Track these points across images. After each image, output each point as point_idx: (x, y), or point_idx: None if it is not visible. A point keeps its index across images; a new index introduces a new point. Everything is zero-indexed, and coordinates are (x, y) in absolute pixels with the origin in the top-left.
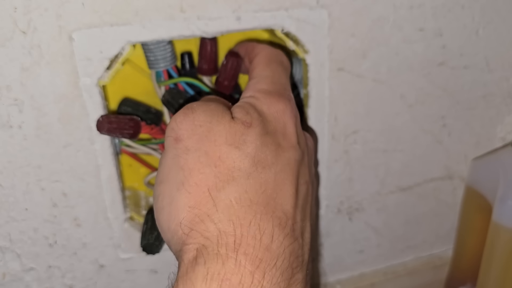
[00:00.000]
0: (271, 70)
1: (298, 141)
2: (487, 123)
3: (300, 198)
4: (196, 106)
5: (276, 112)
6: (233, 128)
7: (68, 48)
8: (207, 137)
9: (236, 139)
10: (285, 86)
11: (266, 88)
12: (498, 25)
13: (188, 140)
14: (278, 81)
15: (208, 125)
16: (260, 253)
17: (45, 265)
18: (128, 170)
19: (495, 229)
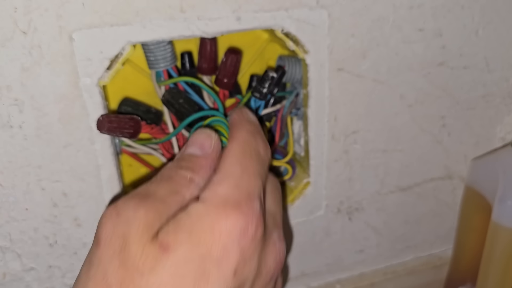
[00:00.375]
0: (242, 167)
1: (238, 269)
2: (486, 123)
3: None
4: (123, 211)
5: (219, 232)
6: (146, 250)
7: (68, 48)
8: (120, 254)
9: (146, 264)
10: (251, 191)
11: (223, 194)
12: (498, 25)
13: (104, 250)
14: (244, 185)
15: (125, 240)
16: None
17: (46, 265)
18: (129, 170)
19: (494, 229)
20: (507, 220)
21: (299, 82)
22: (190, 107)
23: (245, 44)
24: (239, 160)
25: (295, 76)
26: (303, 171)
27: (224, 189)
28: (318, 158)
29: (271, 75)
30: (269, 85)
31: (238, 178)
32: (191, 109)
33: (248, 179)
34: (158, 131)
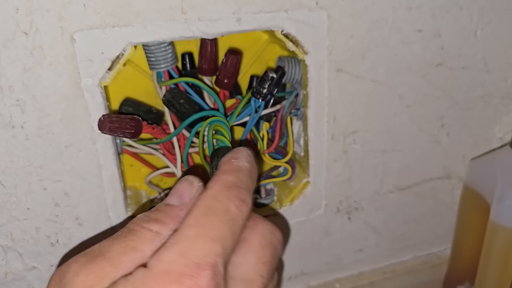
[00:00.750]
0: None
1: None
2: (485, 123)
3: None
4: (64, 274)
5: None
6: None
7: (69, 49)
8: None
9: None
10: (201, 260)
11: (168, 262)
12: (496, 26)
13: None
14: (194, 253)
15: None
16: None
17: (47, 264)
18: (130, 169)
19: (493, 228)
20: (505, 219)
21: (299, 82)
22: (190, 107)
23: (245, 45)
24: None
25: (294, 77)
26: (303, 171)
27: (169, 256)
28: (318, 158)
29: (271, 75)
30: (269, 85)
31: (189, 243)
32: (191, 109)
33: (202, 245)
34: (159, 131)
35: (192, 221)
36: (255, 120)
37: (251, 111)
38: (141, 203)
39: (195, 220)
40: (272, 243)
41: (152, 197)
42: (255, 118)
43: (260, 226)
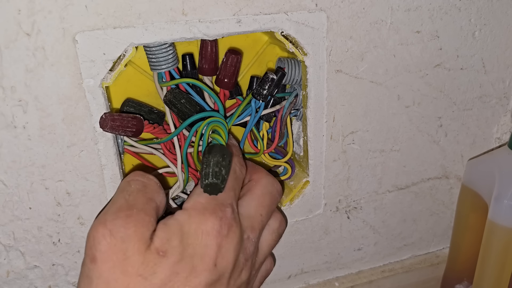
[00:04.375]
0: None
1: (218, 262)
2: (483, 123)
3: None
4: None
5: (201, 233)
6: (147, 259)
7: (71, 50)
8: (120, 266)
9: (147, 269)
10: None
11: (203, 204)
12: (494, 27)
13: (103, 265)
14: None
15: (124, 254)
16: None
17: (49, 263)
18: (131, 169)
19: (490, 228)
20: (503, 219)
21: (299, 83)
22: (192, 107)
23: (245, 46)
24: None
25: (294, 78)
26: (302, 171)
27: (203, 199)
28: (317, 158)
29: (271, 77)
30: (269, 86)
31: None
32: (193, 109)
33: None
34: (160, 131)
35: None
36: (255, 120)
37: (251, 111)
38: None
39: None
40: (271, 192)
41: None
42: (255, 118)
43: (263, 179)
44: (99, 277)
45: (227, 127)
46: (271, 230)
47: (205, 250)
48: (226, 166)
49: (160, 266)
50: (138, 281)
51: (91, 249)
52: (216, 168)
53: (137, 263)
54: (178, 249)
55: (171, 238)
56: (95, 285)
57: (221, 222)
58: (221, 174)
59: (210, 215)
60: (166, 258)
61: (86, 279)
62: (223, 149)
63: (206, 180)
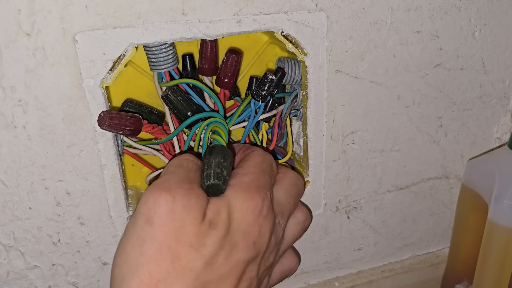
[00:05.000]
0: (260, 168)
1: (256, 241)
2: (483, 123)
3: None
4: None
5: (246, 209)
6: (200, 230)
7: (71, 50)
8: (176, 233)
9: (199, 241)
10: (265, 184)
11: (247, 182)
12: (494, 27)
13: (158, 229)
14: (261, 178)
15: (182, 222)
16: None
17: (49, 263)
18: (131, 169)
19: (490, 228)
20: (503, 219)
21: (299, 83)
22: (187, 106)
23: (245, 46)
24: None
25: (294, 78)
26: (302, 171)
27: (247, 179)
28: (317, 158)
29: (270, 77)
30: (268, 87)
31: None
32: (188, 108)
33: (263, 176)
34: (160, 131)
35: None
36: (254, 121)
37: (251, 112)
38: None
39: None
40: (297, 185)
41: None
42: (254, 119)
43: (290, 172)
44: (152, 240)
45: (227, 128)
46: (297, 221)
47: (247, 228)
48: (227, 167)
49: (210, 238)
50: (189, 251)
51: (150, 210)
52: (217, 169)
53: (191, 233)
54: (226, 222)
55: (221, 211)
56: (147, 247)
57: (263, 203)
58: (222, 175)
59: (254, 193)
60: (216, 230)
61: (136, 239)
62: (224, 150)
63: (208, 182)
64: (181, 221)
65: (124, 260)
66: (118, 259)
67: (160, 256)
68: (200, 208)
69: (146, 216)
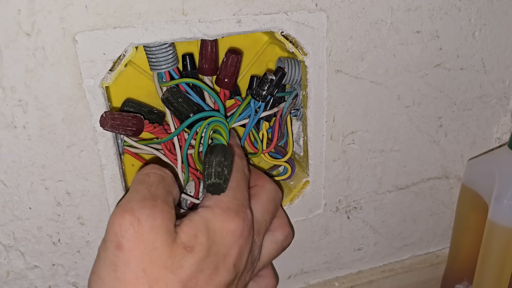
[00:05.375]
0: (235, 180)
1: (236, 263)
2: (483, 123)
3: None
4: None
5: (226, 233)
6: (173, 252)
7: (71, 50)
8: (148, 256)
9: (174, 263)
10: (244, 202)
11: (226, 202)
12: (494, 27)
13: (130, 253)
14: (239, 196)
15: (152, 244)
16: None
17: (49, 263)
18: (131, 169)
19: (491, 228)
20: (503, 219)
21: (299, 83)
22: (188, 107)
23: (245, 46)
24: (233, 177)
25: (294, 78)
26: (302, 171)
27: (225, 198)
28: (317, 157)
29: (270, 78)
30: (268, 87)
31: (234, 191)
32: (189, 109)
33: (241, 192)
34: (160, 131)
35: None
36: (254, 121)
37: (251, 112)
38: None
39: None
40: (275, 199)
41: None
42: (254, 119)
43: (268, 185)
44: (126, 265)
45: (228, 127)
46: (275, 240)
47: (228, 250)
48: (228, 166)
49: (186, 261)
50: (166, 273)
51: (117, 235)
52: (218, 168)
53: (164, 255)
54: (205, 246)
55: (198, 234)
56: (121, 272)
57: (244, 224)
58: (223, 174)
59: (234, 215)
60: (193, 254)
61: (109, 265)
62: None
63: (209, 180)
64: (151, 243)
65: (100, 286)
66: (94, 285)
67: (136, 281)
68: (167, 228)
69: (115, 241)
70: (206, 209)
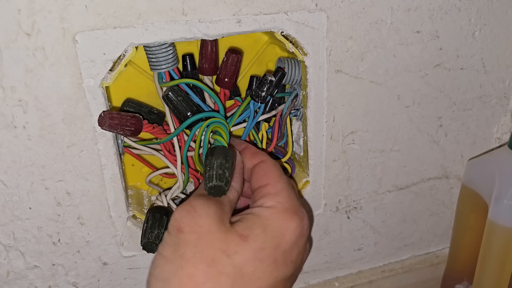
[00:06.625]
0: (285, 183)
1: (294, 258)
2: (483, 123)
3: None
4: (199, 207)
5: (286, 230)
6: (229, 238)
7: (71, 50)
8: (206, 238)
9: (230, 248)
10: (298, 202)
11: (283, 203)
12: (494, 27)
13: (189, 235)
14: (293, 197)
15: (208, 228)
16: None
17: (49, 263)
18: (131, 169)
19: (490, 228)
20: (503, 218)
21: (299, 83)
22: (188, 106)
23: (245, 46)
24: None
25: (294, 78)
26: (302, 171)
27: (282, 199)
28: (317, 158)
29: (269, 79)
30: (268, 88)
31: (288, 191)
32: (188, 108)
33: (293, 191)
34: (160, 131)
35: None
36: (254, 121)
37: (250, 113)
38: (142, 202)
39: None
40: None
41: (153, 196)
42: (254, 120)
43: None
44: (186, 245)
45: (228, 128)
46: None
47: (288, 247)
48: (229, 168)
49: (241, 248)
50: (221, 256)
51: (177, 221)
52: (219, 170)
53: (219, 240)
54: (260, 238)
55: (253, 227)
56: (182, 251)
57: (303, 223)
58: (224, 177)
59: (293, 215)
60: (248, 243)
61: (172, 246)
62: (225, 151)
63: (210, 183)
64: (206, 227)
65: (164, 262)
66: (159, 261)
67: (195, 259)
68: (220, 217)
69: (176, 226)
70: (263, 208)
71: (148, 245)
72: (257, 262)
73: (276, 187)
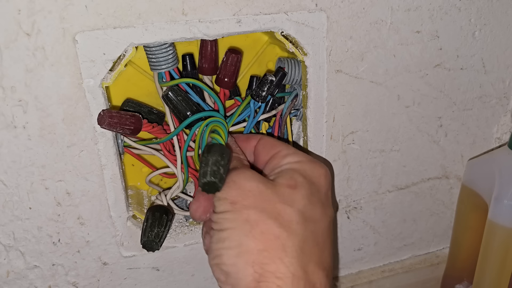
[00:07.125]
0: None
1: (332, 201)
2: (483, 123)
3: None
4: (236, 178)
5: (319, 176)
6: (280, 191)
7: (71, 50)
8: (261, 198)
9: (286, 199)
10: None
11: (306, 156)
12: (494, 27)
13: (244, 201)
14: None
15: (256, 189)
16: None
17: (49, 263)
18: (131, 169)
19: (490, 228)
20: (503, 218)
21: (299, 83)
22: (187, 106)
23: (245, 46)
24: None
25: (294, 78)
26: None
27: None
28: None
29: (270, 79)
30: (268, 88)
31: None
32: (188, 108)
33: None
34: (160, 131)
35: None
36: (254, 121)
37: (250, 113)
38: (142, 202)
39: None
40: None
41: (153, 196)
42: (254, 119)
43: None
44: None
45: (227, 127)
46: None
47: (326, 190)
48: (224, 166)
49: (296, 196)
50: (284, 208)
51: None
52: (214, 167)
53: (273, 195)
54: (305, 184)
55: (294, 176)
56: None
57: (327, 169)
58: (219, 173)
59: (319, 163)
60: (297, 190)
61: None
62: (222, 149)
63: (204, 179)
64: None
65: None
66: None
67: (262, 218)
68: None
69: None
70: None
71: (148, 244)
72: (312, 206)
73: (290, 149)
